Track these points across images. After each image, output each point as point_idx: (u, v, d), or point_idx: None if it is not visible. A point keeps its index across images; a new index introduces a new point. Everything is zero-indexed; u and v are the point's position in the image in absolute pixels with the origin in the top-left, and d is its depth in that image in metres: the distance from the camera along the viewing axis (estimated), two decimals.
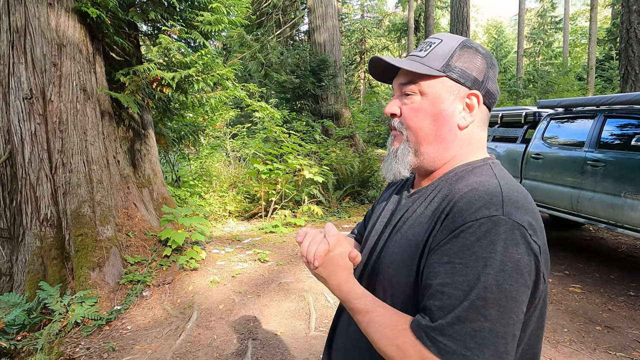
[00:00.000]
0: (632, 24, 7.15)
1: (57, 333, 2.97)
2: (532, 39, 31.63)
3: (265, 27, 13.89)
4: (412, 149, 0.87)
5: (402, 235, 0.84)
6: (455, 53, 0.85)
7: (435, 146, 0.86)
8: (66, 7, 3.64)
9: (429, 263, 0.73)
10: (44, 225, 3.52)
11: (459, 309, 0.66)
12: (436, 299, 0.69)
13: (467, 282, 0.67)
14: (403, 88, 0.87)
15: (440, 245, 0.72)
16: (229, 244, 5.02)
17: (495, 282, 0.66)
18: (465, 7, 11.98)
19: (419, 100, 0.85)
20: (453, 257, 0.69)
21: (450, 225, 0.72)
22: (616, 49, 19.24)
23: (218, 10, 4.72)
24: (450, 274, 0.69)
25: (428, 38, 0.90)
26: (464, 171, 0.84)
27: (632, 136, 3.75)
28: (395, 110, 0.89)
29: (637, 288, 3.81)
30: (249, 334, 3.01)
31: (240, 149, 8.86)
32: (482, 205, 0.71)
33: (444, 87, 0.84)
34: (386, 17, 32.21)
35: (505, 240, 0.67)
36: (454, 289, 0.67)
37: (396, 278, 0.81)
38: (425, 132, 0.85)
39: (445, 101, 0.84)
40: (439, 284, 0.69)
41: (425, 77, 0.84)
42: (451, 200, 0.76)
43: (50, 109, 3.55)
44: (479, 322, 0.65)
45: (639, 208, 3.59)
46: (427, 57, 0.85)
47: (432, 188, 0.86)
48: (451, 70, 0.84)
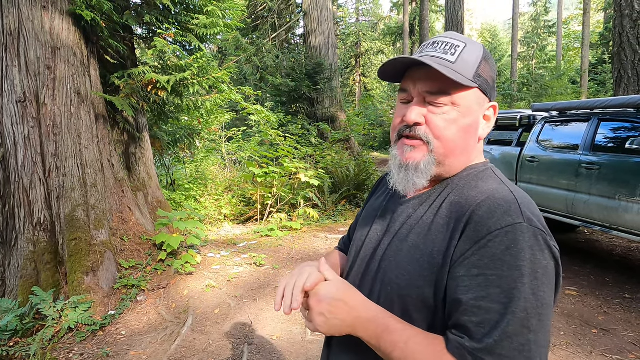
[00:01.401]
0: (624, 28, 7.22)
1: (50, 339, 2.93)
2: (526, 43, 31.88)
3: (260, 30, 13.91)
4: (436, 161, 0.80)
5: (410, 245, 0.79)
6: (482, 62, 0.81)
7: (460, 158, 0.82)
8: (60, 9, 3.62)
9: (456, 276, 0.70)
10: (37, 229, 3.48)
11: (503, 324, 0.63)
12: (472, 315, 0.66)
13: (504, 293, 0.65)
14: (431, 96, 0.79)
15: (466, 256, 0.69)
16: (225, 248, 4.99)
17: (532, 291, 0.65)
18: (460, 10, 12.06)
19: (450, 110, 0.79)
20: (484, 268, 0.67)
21: (474, 236, 0.70)
22: (609, 53, 19.44)
23: (213, 14, 4.71)
24: (484, 286, 0.66)
25: (443, 38, 0.82)
26: (469, 176, 0.82)
27: (626, 139, 3.78)
28: (420, 119, 0.80)
29: (632, 290, 3.83)
30: (245, 338, 2.99)
31: (235, 152, 8.84)
32: (504, 213, 0.70)
33: (474, 98, 0.80)
34: (381, 20, 32.34)
35: (532, 247, 0.67)
36: (491, 302, 0.65)
37: (407, 290, 0.76)
38: (456, 144, 0.80)
39: (475, 113, 0.81)
40: (473, 299, 0.67)
41: (460, 88, 0.78)
42: (467, 208, 0.74)
43: (44, 112, 3.52)
44: (524, 335, 0.63)
45: (633, 210, 3.61)
46: (458, 64, 0.78)
47: (436, 193, 0.83)
48: (481, 81, 0.80)
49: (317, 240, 5.58)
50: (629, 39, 7.18)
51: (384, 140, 18.05)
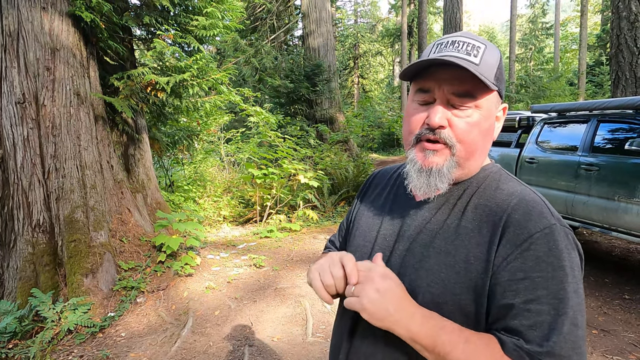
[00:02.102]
0: (622, 30, 7.25)
1: (49, 341, 2.91)
2: (523, 45, 31.98)
3: (259, 32, 13.91)
4: (457, 164, 0.79)
5: (438, 251, 0.77)
6: (500, 65, 0.80)
7: (478, 160, 0.82)
8: (60, 11, 3.62)
9: (501, 281, 0.70)
10: (36, 231, 3.47)
11: (558, 326, 0.65)
12: (524, 318, 0.67)
13: (552, 294, 0.67)
14: (457, 99, 0.77)
15: (509, 260, 0.70)
16: (224, 249, 4.98)
17: (574, 290, 0.68)
18: (458, 12, 12.09)
19: (473, 112, 0.77)
20: (529, 271, 0.68)
21: (515, 239, 0.70)
22: (606, 55, 19.52)
23: (213, 15, 4.71)
24: (531, 289, 0.68)
25: (465, 37, 0.79)
26: (487, 178, 0.83)
27: (625, 140, 3.79)
28: (445, 122, 0.77)
29: (631, 291, 3.84)
30: (245, 340, 2.98)
31: (234, 154, 8.83)
32: (539, 215, 0.72)
33: (494, 101, 0.80)
34: (379, 22, 32.40)
35: (567, 246, 0.70)
36: (541, 305, 0.67)
37: (443, 298, 0.74)
38: (478, 147, 0.80)
39: (492, 116, 0.81)
40: (522, 302, 0.68)
41: (485, 91, 0.77)
42: (501, 212, 0.74)
43: (43, 113, 3.51)
44: (575, 333, 0.66)
45: (632, 211, 3.62)
46: (482, 66, 0.76)
47: (454, 196, 0.82)
48: (499, 84, 0.79)
49: (316, 241, 5.57)
50: (627, 40, 7.21)
51: (382, 141, 18.07)
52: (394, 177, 0.99)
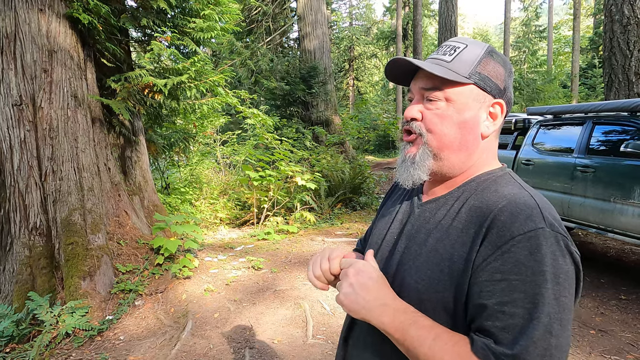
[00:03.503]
0: (614, 33, 7.33)
1: (47, 344, 2.89)
2: (517, 47, 32.21)
3: (255, 34, 13.91)
4: (431, 153, 0.84)
5: (429, 249, 0.80)
6: (482, 60, 0.83)
7: (458, 154, 0.84)
8: (57, 12, 3.60)
9: (479, 281, 0.70)
10: (33, 234, 3.44)
11: (528, 330, 0.64)
12: (496, 320, 0.67)
13: (527, 298, 0.66)
14: (426, 93, 0.84)
15: (489, 261, 0.70)
16: (222, 252, 4.96)
17: (554, 296, 0.66)
18: (453, 15, 12.17)
19: (444, 106, 0.82)
20: (507, 273, 0.68)
21: (497, 240, 0.70)
22: (599, 57, 19.72)
23: (210, 17, 4.71)
24: (508, 291, 0.67)
25: (449, 41, 0.87)
26: (487, 181, 0.83)
27: (620, 142, 3.83)
28: (417, 114, 0.84)
29: (627, 292, 3.87)
30: (246, 342, 2.97)
31: (230, 156, 8.81)
32: (526, 218, 0.70)
33: (471, 94, 0.82)
34: (374, 25, 32.51)
35: (554, 252, 0.68)
36: (515, 307, 0.66)
37: (427, 295, 0.77)
38: (450, 139, 0.82)
39: (472, 109, 0.83)
40: (496, 304, 0.67)
41: (452, 84, 0.81)
42: (488, 213, 0.74)
43: (40, 115, 3.49)
44: (547, 340, 0.64)
45: (628, 213, 3.66)
46: (453, 62, 0.82)
47: (454, 197, 0.84)
48: (478, 78, 0.82)
49: (314, 243, 5.57)
50: (619, 43, 7.29)
51: (378, 143, 18.12)
52: None
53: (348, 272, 0.82)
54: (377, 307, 0.76)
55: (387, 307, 0.76)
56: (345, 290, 0.79)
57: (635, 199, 3.58)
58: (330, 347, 2.90)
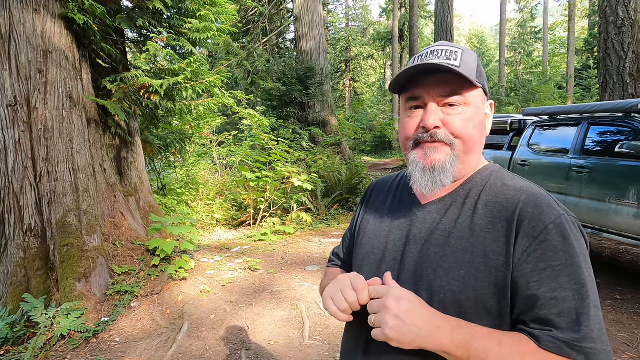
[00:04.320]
0: (609, 34, 7.37)
1: (42, 347, 2.87)
2: (513, 49, 32.37)
3: (251, 35, 13.90)
4: (458, 158, 0.84)
5: (455, 249, 0.79)
6: (479, 64, 0.87)
7: (476, 154, 0.87)
8: (52, 13, 3.58)
9: (525, 273, 0.73)
10: (28, 235, 3.42)
11: (585, 310, 0.69)
12: (551, 307, 0.70)
13: (573, 280, 0.71)
14: (446, 99, 0.83)
15: (529, 252, 0.73)
16: (218, 253, 4.95)
17: (588, 274, 0.72)
18: (449, 16, 12.21)
19: (464, 110, 0.83)
20: (549, 260, 0.72)
21: (531, 232, 0.74)
22: (594, 59, 19.83)
23: (206, 18, 4.70)
24: (554, 277, 0.71)
25: (442, 46, 0.86)
26: (491, 177, 0.87)
27: (615, 143, 3.85)
28: (439, 123, 0.83)
29: (622, 292, 3.89)
30: (242, 344, 2.97)
31: (227, 157, 8.80)
32: (549, 207, 0.76)
33: (480, 97, 0.87)
34: (371, 26, 32.59)
35: (576, 234, 0.75)
36: (565, 291, 0.70)
37: (464, 294, 0.76)
38: (475, 141, 0.85)
39: (481, 111, 0.87)
40: (547, 291, 0.71)
41: (470, 88, 0.83)
42: (513, 208, 0.77)
43: (35, 116, 3.47)
44: (598, 314, 0.70)
45: (622, 213, 3.67)
46: (462, 67, 0.82)
47: (461, 196, 0.85)
48: (482, 81, 0.86)
49: (310, 244, 5.57)
50: (614, 45, 7.33)
51: (374, 144, 18.14)
52: (395, 183, 1.02)
53: (387, 303, 0.74)
54: (433, 332, 0.71)
55: (442, 329, 0.72)
56: (392, 323, 0.72)
57: (630, 199, 3.60)
58: (327, 348, 2.90)
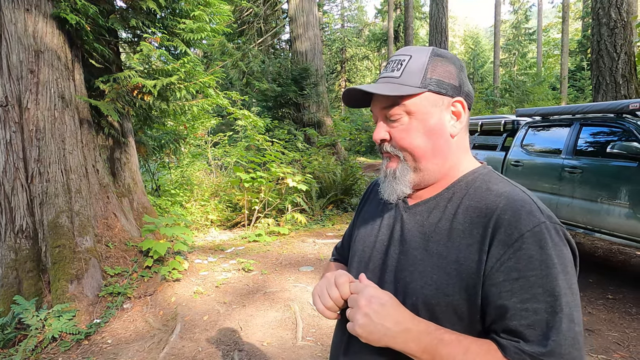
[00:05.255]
0: (602, 36, 7.43)
1: (33, 349, 2.85)
2: (507, 50, 32.54)
3: (246, 35, 13.88)
4: (410, 168, 0.85)
5: (432, 253, 0.79)
6: (429, 66, 0.84)
7: (434, 160, 0.85)
8: (44, 12, 3.56)
9: (497, 282, 0.71)
10: (19, 236, 3.40)
11: (556, 324, 0.66)
12: (522, 318, 0.68)
13: (547, 292, 0.67)
14: (386, 112, 0.85)
15: (503, 261, 0.71)
16: (212, 254, 4.94)
17: (567, 285, 0.69)
18: (444, 18, 12.25)
19: (407, 120, 0.83)
20: (523, 270, 0.69)
21: (507, 240, 0.71)
22: (587, 60, 19.97)
23: (200, 18, 4.68)
24: (527, 288, 0.68)
25: (394, 56, 0.88)
26: (476, 180, 0.84)
27: (607, 143, 3.88)
28: (385, 135, 0.86)
29: (614, 291, 3.92)
30: (235, 345, 2.96)
31: (221, 158, 8.78)
32: (528, 214, 0.72)
33: (428, 101, 0.83)
34: (366, 27, 32.64)
35: (558, 243, 0.71)
36: (537, 303, 0.67)
37: (436, 299, 0.76)
38: (423, 149, 0.84)
39: (434, 115, 0.84)
40: (518, 302, 0.68)
41: (407, 97, 0.82)
42: (490, 213, 0.75)
43: (26, 116, 3.45)
44: (573, 329, 0.67)
45: (614, 213, 3.70)
46: (402, 77, 0.83)
47: (445, 199, 0.84)
48: (430, 84, 0.83)
49: (305, 245, 5.56)
50: (607, 46, 7.39)
51: (370, 145, 18.17)
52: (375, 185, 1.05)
53: (359, 301, 0.77)
54: (400, 333, 0.73)
55: (410, 332, 0.73)
56: (361, 321, 0.75)
57: (621, 199, 3.62)
58: (320, 349, 2.89)
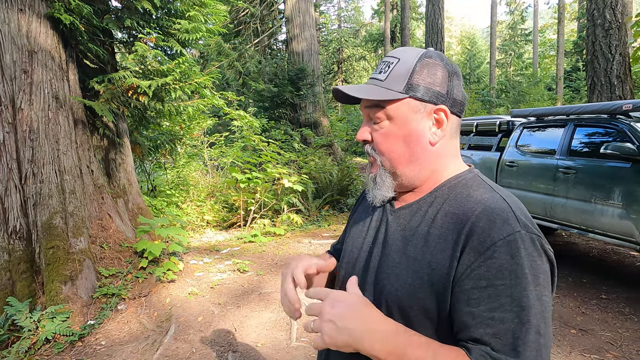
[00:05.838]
0: (597, 37, 7.47)
1: (26, 351, 2.83)
2: (503, 50, 32.64)
3: (243, 35, 13.87)
4: (388, 173, 0.86)
5: (408, 256, 0.79)
6: (415, 70, 0.82)
7: (410, 166, 0.84)
8: (38, 13, 3.54)
9: (465, 289, 0.70)
10: (13, 237, 3.38)
11: (522, 334, 0.66)
12: (488, 327, 0.67)
13: (514, 302, 0.67)
14: (370, 113, 0.86)
15: (473, 268, 0.70)
16: (207, 255, 4.93)
17: (537, 297, 0.68)
18: (440, 18, 12.28)
19: (387, 125, 0.84)
20: (492, 279, 0.68)
21: (478, 247, 0.70)
22: (583, 61, 20.04)
23: (195, 19, 4.68)
24: (495, 297, 0.68)
25: (386, 57, 0.88)
26: (458, 185, 0.83)
27: (601, 144, 3.89)
28: (367, 136, 0.87)
29: (608, 291, 3.93)
30: (229, 346, 2.95)
31: (218, 158, 8.77)
32: (503, 222, 0.71)
33: (409, 108, 0.82)
34: (363, 27, 32.66)
35: (532, 254, 0.70)
36: (504, 312, 0.67)
37: (408, 302, 0.76)
38: (398, 154, 0.84)
39: (413, 122, 0.82)
40: (486, 310, 0.68)
41: (389, 102, 0.82)
42: (465, 220, 0.74)
43: (20, 117, 3.43)
44: (538, 341, 0.66)
45: (608, 213, 3.72)
46: (387, 80, 0.83)
47: (427, 203, 0.83)
48: (413, 90, 0.81)
49: (300, 245, 5.56)
50: (602, 47, 7.43)
51: None
52: None
53: (322, 309, 0.73)
54: (365, 334, 0.70)
55: (376, 332, 0.70)
56: (326, 328, 0.71)
57: (614, 199, 3.64)
58: (314, 350, 2.89)
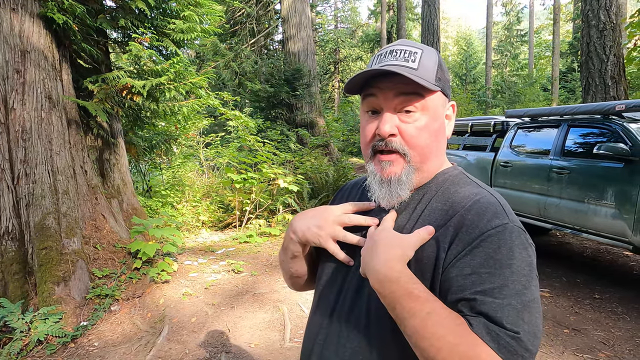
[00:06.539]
0: (591, 38, 7.51)
1: (18, 352, 2.82)
2: (499, 51, 32.75)
3: (239, 36, 13.85)
4: (415, 169, 0.82)
5: None
6: (439, 66, 0.82)
7: (435, 161, 0.84)
8: (31, 12, 3.52)
9: (450, 277, 0.71)
10: (5, 238, 3.36)
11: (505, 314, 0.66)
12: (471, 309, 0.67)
13: (497, 289, 0.67)
14: (402, 103, 0.79)
15: (459, 257, 0.71)
16: (202, 255, 4.92)
17: (523, 287, 0.68)
18: (436, 19, 12.31)
19: (420, 116, 0.80)
20: (477, 267, 0.69)
21: (466, 238, 0.72)
22: (578, 61, 20.14)
23: (190, 19, 4.66)
24: (478, 284, 0.68)
25: (402, 45, 0.82)
26: (446, 182, 0.84)
27: (594, 144, 3.91)
28: (395, 130, 0.79)
29: (601, 291, 3.95)
30: (222, 347, 2.95)
31: (213, 158, 8.74)
32: (493, 216, 0.73)
33: (439, 101, 0.82)
34: (359, 27, 32.70)
35: (519, 246, 0.70)
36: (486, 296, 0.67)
37: None
38: (430, 149, 0.82)
39: (441, 115, 0.84)
40: (469, 294, 0.68)
41: (427, 93, 0.79)
42: (454, 214, 0.75)
43: (12, 117, 3.41)
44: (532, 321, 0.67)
45: (601, 213, 3.73)
46: (420, 70, 0.79)
47: (414, 202, 0.84)
48: (442, 83, 0.82)
49: None
50: (596, 48, 7.47)
51: None
52: (363, 186, 1.03)
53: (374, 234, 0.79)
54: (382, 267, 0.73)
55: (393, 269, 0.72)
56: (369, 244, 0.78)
57: (607, 199, 3.66)
58: None
